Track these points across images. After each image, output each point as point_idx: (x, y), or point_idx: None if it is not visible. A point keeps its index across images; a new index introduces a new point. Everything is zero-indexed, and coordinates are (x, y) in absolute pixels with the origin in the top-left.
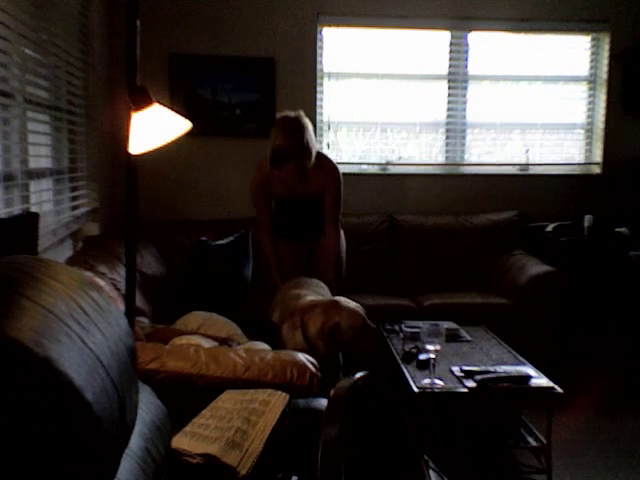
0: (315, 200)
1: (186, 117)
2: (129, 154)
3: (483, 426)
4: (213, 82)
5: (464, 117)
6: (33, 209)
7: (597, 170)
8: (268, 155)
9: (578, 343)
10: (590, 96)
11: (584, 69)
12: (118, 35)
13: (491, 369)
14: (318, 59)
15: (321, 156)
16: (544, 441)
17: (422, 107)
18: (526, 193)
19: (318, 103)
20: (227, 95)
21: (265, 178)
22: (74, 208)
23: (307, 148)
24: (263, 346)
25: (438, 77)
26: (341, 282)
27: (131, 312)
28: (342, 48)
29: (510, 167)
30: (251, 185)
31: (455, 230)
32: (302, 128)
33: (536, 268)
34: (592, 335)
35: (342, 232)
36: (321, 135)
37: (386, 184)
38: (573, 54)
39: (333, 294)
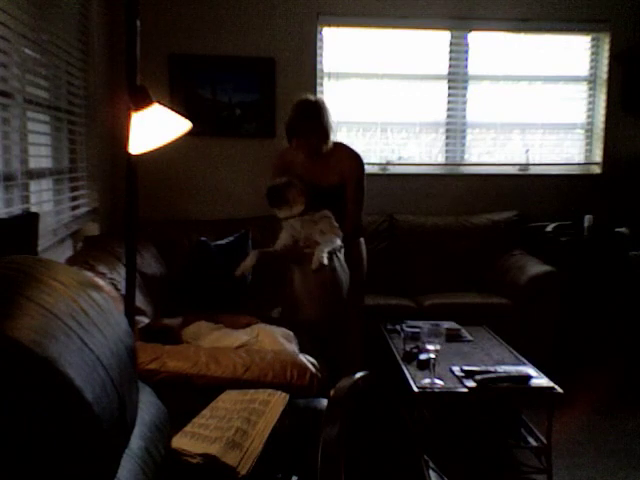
0: (335, 191)
1: (186, 117)
2: (129, 154)
3: (483, 426)
4: (213, 82)
5: (464, 117)
6: (33, 209)
7: (597, 170)
8: (285, 133)
9: (578, 343)
10: (590, 96)
11: (584, 69)
12: (118, 35)
13: (491, 369)
14: (318, 59)
15: (342, 145)
16: (544, 441)
17: (422, 107)
18: (526, 193)
19: None
20: (227, 95)
21: (285, 166)
22: (74, 208)
23: (322, 127)
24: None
25: (438, 77)
26: (363, 286)
27: (131, 312)
28: (342, 48)
29: (510, 167)
30: (272, 170)
31: (455, 230)
32: (319, 108)
33: (536, 268)
34: (592, 335)
35: (362, 240)
36: None
37: (386, 184)
38: (573, 54)
39: (356, 300)
